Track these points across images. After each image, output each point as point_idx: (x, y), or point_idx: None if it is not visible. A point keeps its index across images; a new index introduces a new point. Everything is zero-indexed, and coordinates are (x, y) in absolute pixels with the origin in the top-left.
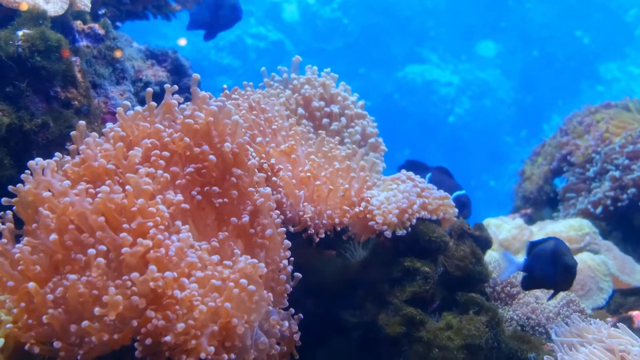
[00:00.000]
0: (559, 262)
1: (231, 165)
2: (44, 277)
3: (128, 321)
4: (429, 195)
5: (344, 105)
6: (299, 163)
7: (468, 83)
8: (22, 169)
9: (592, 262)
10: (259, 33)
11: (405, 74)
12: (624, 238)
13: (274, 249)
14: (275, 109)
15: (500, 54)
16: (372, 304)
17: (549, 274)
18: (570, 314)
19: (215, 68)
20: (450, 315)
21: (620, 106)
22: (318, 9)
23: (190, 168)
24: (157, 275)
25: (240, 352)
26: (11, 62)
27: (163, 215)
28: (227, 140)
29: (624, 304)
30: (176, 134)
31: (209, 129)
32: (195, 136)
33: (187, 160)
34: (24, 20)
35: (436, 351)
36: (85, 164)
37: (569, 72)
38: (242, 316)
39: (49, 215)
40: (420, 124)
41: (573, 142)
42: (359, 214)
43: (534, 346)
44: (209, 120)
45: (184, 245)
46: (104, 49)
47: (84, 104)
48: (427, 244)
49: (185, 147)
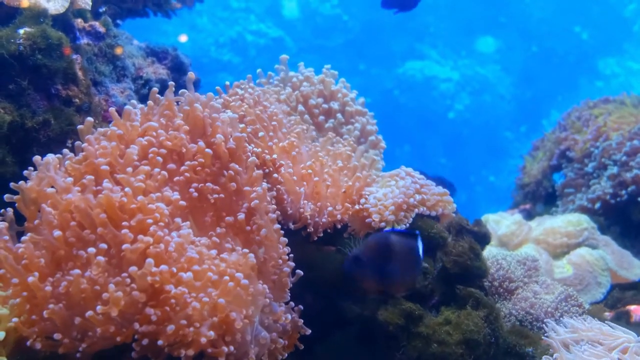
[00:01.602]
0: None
1: (227, 161)
2: (46, 273)
3: (129, 317)
4: (428, 191)
5: (343, 102)
6: (299, 160)
7: (468, 79)
8: (23, 166)
9: (591, 257)
10: (259, 30)
11: (405, 70)
12: (622, 233)
13: (272, 245)
14: (275, 106)
15: (500, 49)
16: (371, 299)
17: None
18: (568, 309)
19: (216, 65)
20: (449, 311)
21: (619, 101)
22: (318, 5)
23: (186, 166)
24: (154, 269)
25: (240, 346)
26: (13, 60)
27: (163, 212)
28: (220, 134)
29: (622, 299)
30: (170, 132)
31: (203, 125)
32: (189, 133)
33: (184, 157)
34: (25, 18)
35: (435, 346)
36: (87, 161)
37: (568, 68)
38: (241, 310)
39: (51, 212)
40: (420, 120)
41: (572, 137)
42: (358, 211)
43: (533, 341)
44: (204, 117)
45: (184, 241)
46: (105, 47)
47: (85, 101)
48: (426, 239)
49: (182, 144)
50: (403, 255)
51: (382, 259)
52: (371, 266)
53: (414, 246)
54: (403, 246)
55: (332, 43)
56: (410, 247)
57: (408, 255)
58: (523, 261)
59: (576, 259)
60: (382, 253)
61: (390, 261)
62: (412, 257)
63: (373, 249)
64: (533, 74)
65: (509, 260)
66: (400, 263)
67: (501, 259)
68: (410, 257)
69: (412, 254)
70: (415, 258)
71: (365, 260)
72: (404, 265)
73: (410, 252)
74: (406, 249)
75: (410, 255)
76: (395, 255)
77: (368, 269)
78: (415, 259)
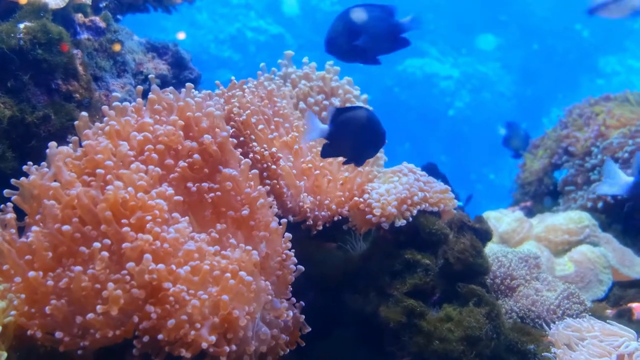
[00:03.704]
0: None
1: (219, 158)
2: (49, 268)
3: (130, 314)
4: (430, 188)
5: (345, 98)
6: (301, 155)
7: (468, 76)
8: (23, 161)
9: (592, 255)
10: (259, 26)
11: (405, 67)
12: (624, 230)
13: (275, 241)
14: (284, 102)
15: (500, 47)
16: (373, 296)
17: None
18: (570, 306)
19: (216, 61)
20: (451, 307)
21: (620, 99)
22: (318, 2)
23: (183, 162)
24: (152, 267)
25: (241, 343)
26: (13, 55)
27: (162, 208)
28: (207, 132)
29: (623, 296)
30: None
31: (189, 123)
32: (182, 129)
33: (179, 153)
34: (26, 13)
35: (436, 343)
36: (88, 157)
37: (568, 66)
38: (243, 307)
39: (54, 205)
40: (420, 117)
41: (573, 134)
42: (358, 203)
43: (534, 338)
44: (188, 115)
45: (180, 235)
46: (105, 42)
47: (86, 96)
48: (427, 236)
49: (176, 141)
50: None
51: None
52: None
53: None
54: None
55: None
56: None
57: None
58: (525, 258)
59: (578, 257)
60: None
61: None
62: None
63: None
64: (533, 72)
65: (511, 258)
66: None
67: (502, 256)
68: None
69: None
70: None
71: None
72: None
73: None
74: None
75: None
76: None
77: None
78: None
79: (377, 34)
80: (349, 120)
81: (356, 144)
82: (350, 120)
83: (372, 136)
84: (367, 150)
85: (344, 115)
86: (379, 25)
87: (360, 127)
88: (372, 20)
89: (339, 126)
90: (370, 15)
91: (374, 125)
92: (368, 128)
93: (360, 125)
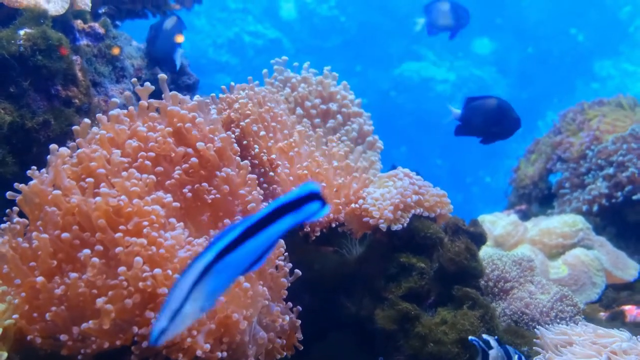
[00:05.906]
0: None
1: (217, 163)
2: (51, 274)
3: (128, 319)
4: (426, 192)
5: (342, 103)
6: (297, 161)
7: (464, 80)
8: (23, 166)
9: (586, 258)
10: (257, 31)
11: (401, 71)
12: (618, 234)
13: None
14: (281, 107)
15: (496, 51)
16: (368, 299)
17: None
18: (563, 309)
19: (214, 66)
20: (445, 310)
21: (614, 103)
22: (315, 6)
23: (179, 168)
24: (146, 274)
25: (238, 347)
26: (13, 61)
27: (159, 213)
28: (200, 140)
29: (617, 299)
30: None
31: (186, 129)
32: (174, 136)
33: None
34: (26, 19)
35: (431, 345)
36: (82, 165)
37: (564, 70)
38: (241, 311)
39: (55, 212)
40: (416, 121)
41: (567, 140)
42: (355, 210)
43: (528, 340)
44: (184, 122)
45: (176, 242)
46: (104, 48)
47: (85, 102)
48: (422, 240)
49: (170, 148)
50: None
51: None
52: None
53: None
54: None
55: (329, 44)
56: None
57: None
58: (518, 261)
59: (571, 260)
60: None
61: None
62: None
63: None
64: (529, 76)
65: (505, 261)
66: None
67: (497, 259)
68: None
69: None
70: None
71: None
72: None
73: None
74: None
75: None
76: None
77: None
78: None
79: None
80: (480, 106)
81: (486, 127)
82: (480, 106)
83: (504, 121)
84: (501, 134)
85: (476, 102)
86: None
87: (490, 112)
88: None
89: (470, 111)
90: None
91: (505, 111)
92: (500, 114)
93: (490, 110)
